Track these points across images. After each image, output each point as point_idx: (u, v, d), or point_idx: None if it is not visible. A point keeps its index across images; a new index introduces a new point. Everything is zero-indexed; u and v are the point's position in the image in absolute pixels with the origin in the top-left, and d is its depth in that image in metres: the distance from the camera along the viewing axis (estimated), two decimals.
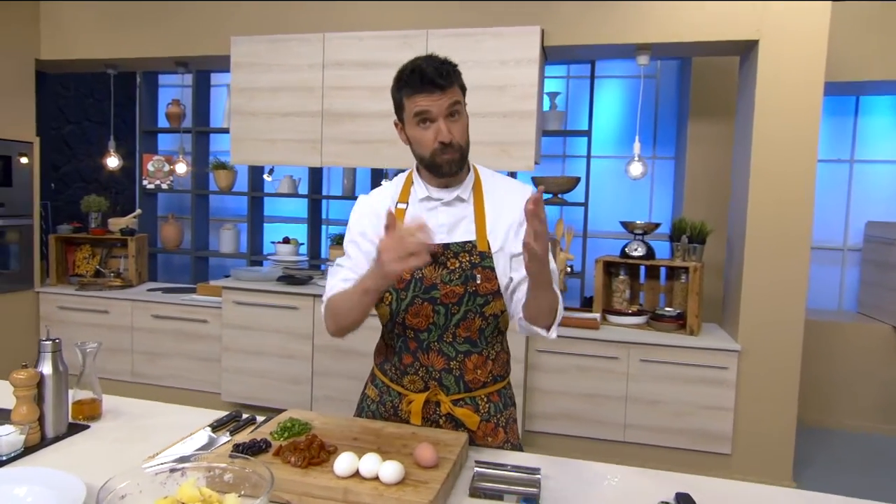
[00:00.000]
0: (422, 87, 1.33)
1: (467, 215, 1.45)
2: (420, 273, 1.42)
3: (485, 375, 1.46)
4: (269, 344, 3.64)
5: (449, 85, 1.34)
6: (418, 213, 1.46)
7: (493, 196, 1.48)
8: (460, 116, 1.38)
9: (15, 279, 3.94)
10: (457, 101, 1.36)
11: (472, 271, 1.41)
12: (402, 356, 1.46)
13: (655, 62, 4.48)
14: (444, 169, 1.40)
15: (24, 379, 1.38)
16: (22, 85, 3.94)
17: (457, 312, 1.41)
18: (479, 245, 1.43)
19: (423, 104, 1.34)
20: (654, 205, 4.63)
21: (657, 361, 3.21)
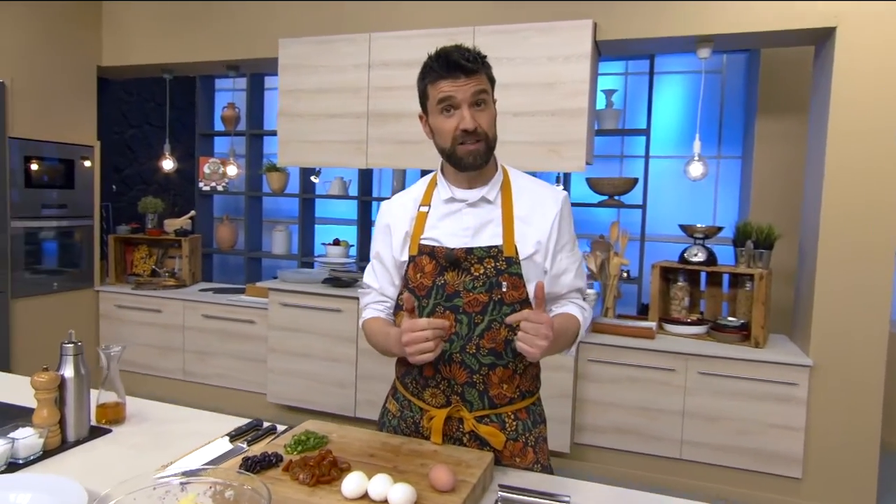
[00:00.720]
0: (447, 72, 1.26)
1: (494, 218, 1.35)
2: (442, 279, 1.33)
3: (511, 391, 1.36)
4: (314, 346, 3.63)
5: (475, 71, 1.27)
6: (441, 217, 1.38)
7: (522, 198, 1.38)
8: (487, 106, 1.30)
9: (77, 278, 4.09)
10: (483, 90, 1.29)
11: (498, 278, 1.31)
12: (422, 368, 1.37)
13: (720, 56, 4.22)
14: (467, 161, 1.30)
15: (45, 381, 1.36)
16: (84, 91, 4.10)
17: (480, 322, 1.31)
18: (506, 250, 1.32)
19: (447, 90, 1.27)
20: (719, 207, 4.36)
21: (718, 375, 2.99)
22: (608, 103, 4.09)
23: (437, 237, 1.36)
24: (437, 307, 1.33)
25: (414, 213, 1.41)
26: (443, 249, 1.33)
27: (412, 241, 1.38)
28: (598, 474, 3.22)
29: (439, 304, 1.33)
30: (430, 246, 1.35)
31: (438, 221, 1.37)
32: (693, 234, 3.34)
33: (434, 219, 1.38)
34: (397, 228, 1.43)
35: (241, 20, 3.87)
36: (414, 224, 1.40)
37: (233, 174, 4.39)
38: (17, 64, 3.64)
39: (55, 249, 3.94)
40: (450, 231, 1.35)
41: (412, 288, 1.36)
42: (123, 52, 4.16)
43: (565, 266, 1.40)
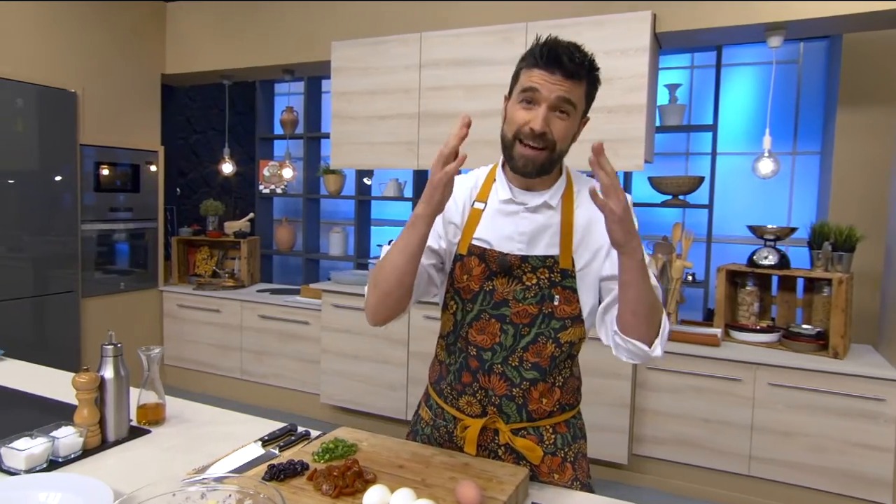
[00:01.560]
0: (545, 62, 1.14)
1: (552, 225, 1.25)
2: (491, 285, 1.25)
3: (551, 405, 1.27)
4: (366, 348, 3.62)
5: (574, 74, 1.14)
6: (496, 218, 1.27)
7: (584, 206, 1.25)
8: (568, 117, 1.17)
9: (143, 278, 4.25)
10: (571, 101, 1.15)
11: (551, 290, 1.22)
12: (461, 374, 1.30)
13: (796, 44, 3.95)
14: (518, 163, 1.19)
15: (85, 382, 1.38)
16: (149, 98, 4.27)
17: (527, 334, 1.23)
18: (563, 262, 1.23)
19: (536, 80, 1.14)
20: (795, 207, 4.07)
21: (790, 387, 2.77)
22: (672, 98, 3.90)
23: (490, 239, 1.26)
24: (483, 313, 1.25)
25: (468, 207, 1.31)
26: (495, 254, 1.24)
27: (462, 240, 1.28)
28: (658, 487, 3.06)
29: (485, 311, 1.25)
30: (481, 248, 1.26)
31: (492, 221, 1.27)
32: (763, 235, 3.12)
33: (488, 218, 1.28)
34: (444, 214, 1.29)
35: (295, 25, 3.92)
36: (467, 220, 1.29)
37: (288, 177, 4.47)
38: (88, 75, 3.82)
39: (122, 251, 4.11)
40: (504, 234, 1.26)
41: (458, 289, 1.28)
42: (185, 59, 4.30)
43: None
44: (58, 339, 3.66)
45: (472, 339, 1.27)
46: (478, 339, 1.26)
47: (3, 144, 3.37)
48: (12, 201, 3.44)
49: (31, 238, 3.53)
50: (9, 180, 3.42)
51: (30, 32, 3.52)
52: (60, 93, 3.64)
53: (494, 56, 3.24)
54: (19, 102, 3.42)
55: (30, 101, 3.48)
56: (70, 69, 3.72)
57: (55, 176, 3.64)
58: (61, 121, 3.66)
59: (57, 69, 3.65)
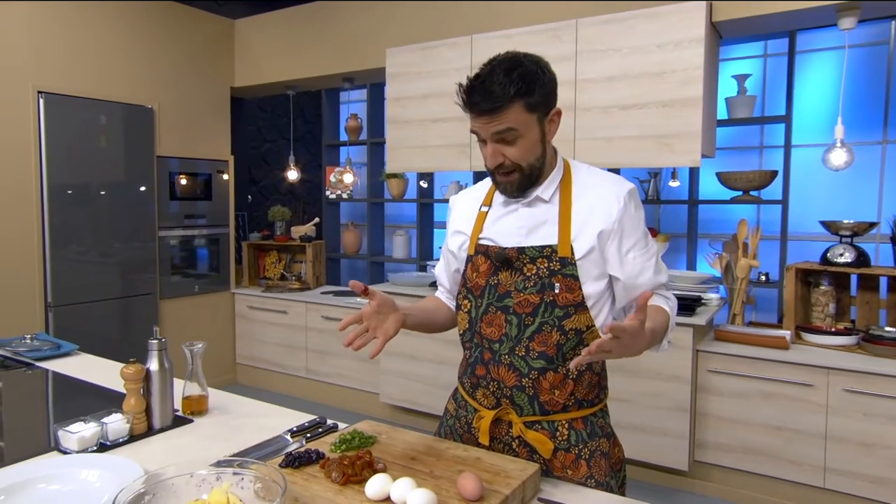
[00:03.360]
0: (469, 107, 1.21)
1: (549, 217, 1.28)
2: (496, 279, 1.30)
3: (564, 397, 1.26)
4: (423, 349, 3.67)
5: (498, 109, 1.17)
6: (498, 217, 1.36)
7: (583, 195, 1.29)
8: (518, 140, 1.21)
9: (215, 281, 4.50)
10: (509, 128, 1.19)
11: (551, 279, 1.24)
12: (475, 367, 1.34)
13: (887, 24, 3.65)
14: (502, 187, 1.29)
15: (132, 373, 1.48)
16: (220, 110, 4.52)
17: (531, 324, 1.25)
18: (561, 250, 1.24)
19: (473, 124, 1.24)
20: (886, 200, 3.76)
21: (870, 394, 2.57)
22: (741, 90, 3.71)
23: (493, 237, 1.34)
24: (490, 307, 1.30)
25: (475, 212, 1.40)
26: (495, 248, 1.31)
27: (471, 242, 1.38)
28: (722, 496, 2.91)
29: (492, 304, 1.30)
30: (485, 245, 1.34)
31: (495, 221, 1.35)
32: (838, 231, 2.92)
33: (492, 219, 1.36)
34: (451, 225, 1.46)
35: (352, 33, 4.05)
36: (474, 224, 1.39)
37: (349, 182, 4.60)
38: (163, 91, 4.10)
39: (197, 256, 4.37)
40: (505, 230, 1.33)
41: (469, 287, 1.35)
42: (252, 72, 4.53)
43: (640, 266, 1.29)
44: (138, 337, 3.94)
45: (483, 332, 1.31)
46: (487, 332, 1.30)
47: (92, 158, 3.68)
48: (103, 211, 3.75)
49: (119, 244, 3.83)
50: (101, 192, 3.72)
51: (108, 53, 3.82)
52: (139, 109, 3.93)
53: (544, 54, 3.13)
54: (103, 119, 3.73)
55: (112, 117, 3.78)
56: (146, 86, 4.01)
57: (140, 186, 3.93)
58: (140, 135, 3.95)
59: (134, 87, 3.94)
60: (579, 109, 3.12)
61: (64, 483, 1.19)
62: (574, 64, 3.12)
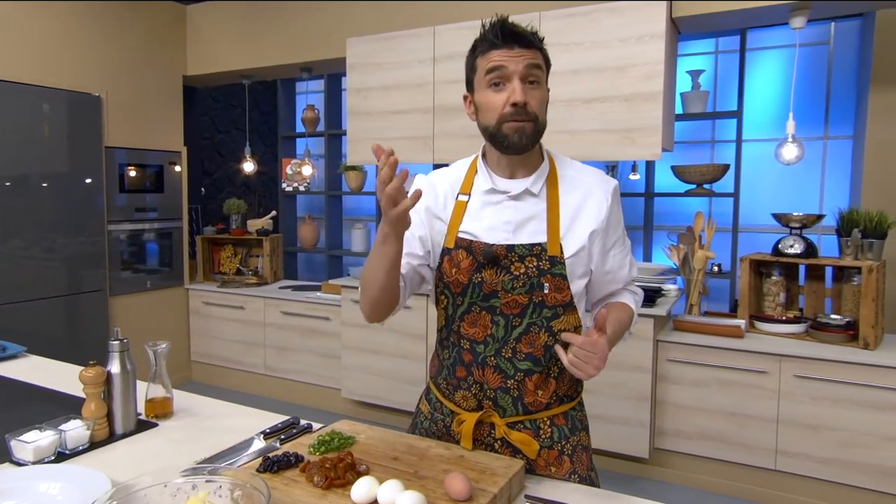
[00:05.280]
0: (501, 40, 1.17)
1: (538, 213, 1.24)
2: (479, 277, 1.23)
3: (547, 396, 1.25)
4: (385, 343, 3.63)
5: (531, 43, 1.19)
6: (481, 209, 1.27)
7: (571, 191, 1.25)
8: (539, 85, 1.20)
9: (168, 276, 4.35)
10: (537, 66, 1.19)
11: (540, 279, 1.20)
12: (455, 369, 1.29)
13: (827, 25, 3.81)
14: (512, 139, 1.18)
15: (92, 376, 1.41)
16: (172, 99, 4.35)
17: (518, 325, 1.21)
18: (550, 249, 1.21)
19: (499, 59, 1.17)
20: (827, 193, 3.94)
21: (818, 379, 2.69)
22: (694, 85, 3.81)
23: (476, 231, 1.26)
24: (473, 306, 1.24)
25: (453, 200, 1.30)
26: (481, 245, 1.23)
27: (448, 234, 1.28)
28: (681, 482, 3.00)
29: (475, 304, 1.24)
30: (467, 240, 1.25)
31: (478, 213, 1.27)
32: (788, 223, 3.02)
33: (473, 210, 1.27)
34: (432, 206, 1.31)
35: (311, 22, 3.95)
36: (451, 214, 1.29)
37: (308, 174, 4.51)
38: (111, 78, 3.91)
39: (148, 250, 4.21)
40: (489, 225, 1.25)
41: (448, 283, 1.28)
42: (205, 60, 4.37)
43: (619, 262, 1.31)
44: (87, 336, 3.77)
45: (464, 332, 1.26)
46: (470, 332, 1.25)
47: (34, 149, 3.48)
48: (46, 204, 3.55)
49: (64, 239, 3.64)
50: (42, 184, 3.52)
51: (53, 38, 3.61)
52: (85, 97, 3.74)
53: None
54: (46, 108, 3.53)
55: (56, 106, 3.58)
56: (93, 73, 3.81)
57: (85, 178, 3.74)
58: (87, 124, 3.76)
59: (80, 74, 3.75)
60: None
61: (21, 498, 1.10)
62: None
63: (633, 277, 1.36)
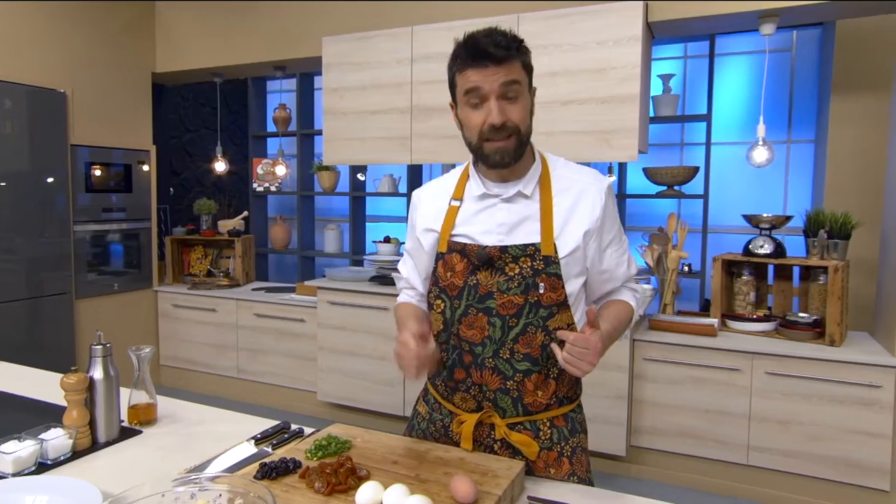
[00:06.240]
0: (473, 60, 1.15)
1: (531, 214, 1.24)
2: (474, 279, 1.24)
3: (547, 397, 1.26)
4: (363, 344, 3.61)
5: (506, 58, 1.15)
6: (474, 213, 1.29)
7: (564, 191, 1.26)
8: (519, 98, 1.19)
9: (137, 278, 4.23)
10: (514, 81, 1.17)
11: (535, 279, 1.21)
12: (453, 371, 1.29)
13: (789, 33, 3.93)
14: (493, 158, 1.20)
15: (74, 383, 1.36)
16: (140, 97, 4.23)
17: (515, 325, 1.22)
18: (544, 249, 1.21)
19: (474, 79, 1.16)
20: (790, 195, 4.07)
21: (788, 375, 2.77)
22: (665, 89, 3.89)
23: (470, 234, 1.27)
24: (470, 308, 1.25)
25: (444, 207, 1.32)
26: (475, 247, 1.24)
27: (441, 238, 1.30)
28: (657, 479, 3.05)
29: (472, 306, 1.24)
30: (460, 243, 1.27)
31: (471, 217, 1.28)
32: (759, 224, 3.11)
33: (466, 214, 1.29)
34: (420, 222, 1.37)
35: (285, 20, 3.89)
36: (444, 219, 1.31)
37: (281, 174, 4.44)
38: (77, 74, 3.78)
39: (115, 251, 4.08)
40: (483, 228, 1.26)
41: (443, 287, 1.28)
42: (175, 57, 4.27)
43: (616, 260, 1.32)
44: (52, 340, 3.64)
45: (462, 335, 1.26)
46: (468, 335, 1.25)
47: None
48: (4, 203, 3.41)
49: (23, 240, 3.50)
50: (0, 182, 3.39)
51: (16, 32, 3.48)
52: (49, 93, 3.61)
53: None
54: (7, 103, 3.39)
55: (18, 101, 3.44)
56: (58, 69, 3.68)
57: (47, 177, 3.61)
58: (51, 121, 3.62)
59: (45, 69, 3.61)
60: None
61: None
62: None
63: (633, 274, 1.37)
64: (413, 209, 1.41)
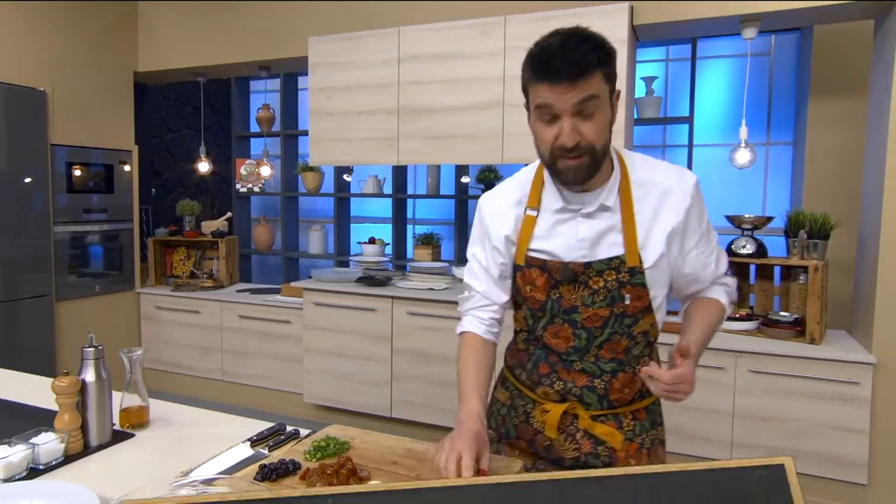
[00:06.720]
0: (547, 74, 1.07)
1: (613, 225, 1.20)
2: (557, 293, 1.23)
3: (632, 393, 1.28)
4: (349, 346, 3.59)
5: (582, 75, 1.05)
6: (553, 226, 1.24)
7: (646, 197, 1.21)
8: (597, 113, 1.10)
9: (119, 280, 4.16)
10: (592, 97, 1.08)
11: (620, 291, 1.19)
12: (538, 365, 1.30)
13: (768, 37, 4.01)
14: (567, 176, 1.14)
15: (65, 386, 1.34)
16: (122, 96, 4.17)
17: (600, 335, 1.23)
18: (629, 260, 1.19)
19: (546, 96, 1.08)
20: (769, 197, 4.15)
21: (770, 373, 2.82)
22: (648, 91, 3.94)
23: (550, 249, 1.23)
24: (556, 319, 1.24)
25: (520, 216, 1.27)
26: (556, 264, 1.22)
27: (518, 250, 1.26)
28: None
29: (557, 317, 1.24)
30: (541, 259, 1.24)
31: (550, 230, 1.24)
32: (741, 224, 3.16)
33: (544, 227, 1.24)
34: (497, 231, 1.29)
35: (270, 20, 3.87)
36: (520, 229, 1.26)
37: (266, 174, 4.42)
38: (58, 73, 3.72)
39: (97, 253, 4.02)
40: (564, 243, 1.22)
41: (525, 298, 1.27)
42: (158, 57, 4.22)
43: (702, 262, 1.27)
44: (31, 344, 3.56)
45: (547, 342, 1.28)
46: (553, 343, 1.27)
47: None
48: None
49: (1, 242, 3.42)
50: None
51: None
52: (28, 91, 3.53)
53: (473, 50, 3.24)
54: None
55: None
56: (38, 67, 3.61)
57: (25, 177, 3.54)
58: (30, 120, 3.55)
59: (23, 66, 3.54)
60: (508, 105, 3.17)
61: None
62: (503, 60, 3.17)
63: (722, 272, 1.32)
64: (483, 217, 1.33)
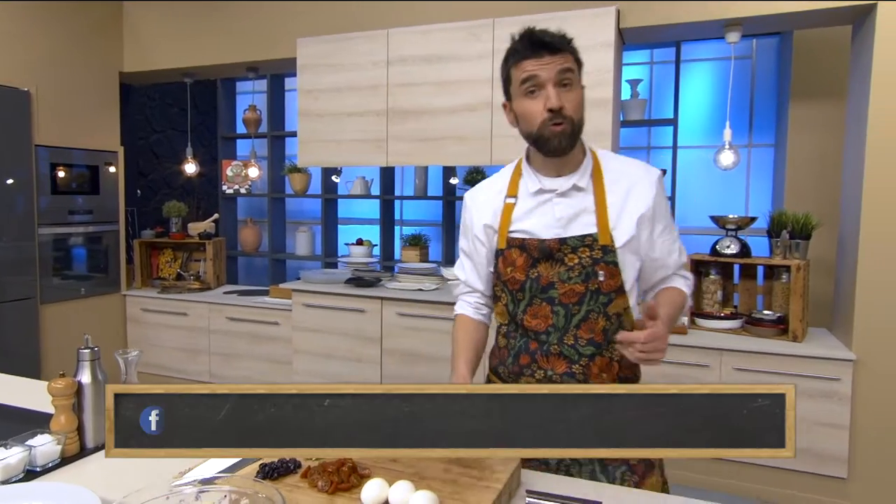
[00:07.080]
0: (531, 50, 1.25)
1: (587, 206, 1.31)
2: (535, 272, 1.31)
3: (610, 379, 1.32)
4: (339, 347, 3.60)
5: (560, 49, 1.26)
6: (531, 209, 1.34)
7: (616, 182, 1.33)
8: (573, 87, 1.28)
9: (104, 282, 4.13)
10: (569, 69, 1.27)
11: (594, 267, 1.28)
12: (518, 356, 1.35)
13: (750, 41, 4.08)
14: (554, 143, 1.26)
15: (62, 388, 1.34)
16: (107, 97, 4.14)
17: (577, 313, 1.29)
18: (601, 238, 1.29)
19: (532, 68, 1.24)
20: (751, 197, 4.22)
21: (754, 370, 2.88)
22: (633, 93, 3.99)
23: (528, 229, 1.34)
24: (534, 299, 1.31)
25: (500, 206, 1.39)
26: (534, 241, 1.31)
27: (500, 235, 1.37)
28: None
29: (535, 297, 1.31)
30: (520, 239, 1.34)
31: (527, 213, 1.35)
32: (725, 225, 3.22)
33: (522, 211, 1.35)
34: (478, 221, 1.42)
35: (259, 21, 3.86)
36: (500, 217, 1.38)
37: (254, 176, 4.40)
38: (42, 73, 3.68)
39: (82, 255, 3.98)
40: (541, 223, 1.33)
41: (505, 281, 1.35)
42: (144, 57, 4.19)
43: (667, 248, 1.38)
44: (16, 347, 3.52)
45: (527, 324, 1.33)
46: (532, 324, 1.32)
47: None
48: None
49: None
50: None
51: None
52: (12, 91, 3.50)
53: (462, 52, 3.26)
54: None
55: None
56: (22, 67, 3.57)
57: (8, 179, 3.50)
58: (14, 121, 3.51)
59: (7, 67, 3.50)
60: (496, 107, 3.20)
61: None
62: (491, 62, 3.20)
63: (683, 262, 1.43)
64: (467, 210, 1.47)
